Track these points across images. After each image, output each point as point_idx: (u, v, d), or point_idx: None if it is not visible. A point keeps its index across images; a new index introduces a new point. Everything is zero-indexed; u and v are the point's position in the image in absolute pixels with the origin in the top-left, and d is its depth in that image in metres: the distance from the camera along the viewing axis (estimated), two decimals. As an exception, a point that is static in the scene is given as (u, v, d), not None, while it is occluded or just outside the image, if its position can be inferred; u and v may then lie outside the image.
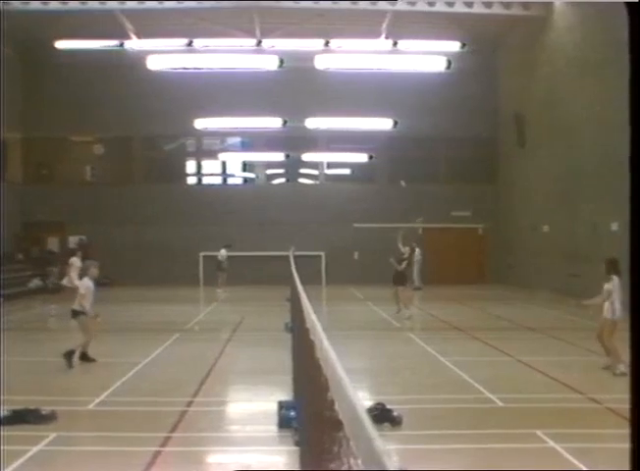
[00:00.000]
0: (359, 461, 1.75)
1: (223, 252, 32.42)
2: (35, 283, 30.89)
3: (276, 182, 38.76)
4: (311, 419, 3.71)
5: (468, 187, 36.06)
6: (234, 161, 38.96)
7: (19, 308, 25.35)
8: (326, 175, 38.05)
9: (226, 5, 29.90)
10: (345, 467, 2.02)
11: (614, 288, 12.95)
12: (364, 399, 10.89)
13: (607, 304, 13.11)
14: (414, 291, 31.29)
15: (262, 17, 31.91)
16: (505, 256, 34.59)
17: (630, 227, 1.92)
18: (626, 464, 2.06)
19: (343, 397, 2.14)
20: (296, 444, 8.05)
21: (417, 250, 32.51)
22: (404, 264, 22.82)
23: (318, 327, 3.55)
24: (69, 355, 13.72)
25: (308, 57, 34.33)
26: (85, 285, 14.35)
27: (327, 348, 2.78)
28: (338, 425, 2.22)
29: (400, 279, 22.45)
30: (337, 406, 2.29)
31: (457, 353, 15.28)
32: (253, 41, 34.08)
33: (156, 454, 8.23)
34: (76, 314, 14.27)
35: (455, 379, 12.68)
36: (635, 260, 1.91)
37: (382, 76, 35.21)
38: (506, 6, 30.55)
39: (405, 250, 23.41)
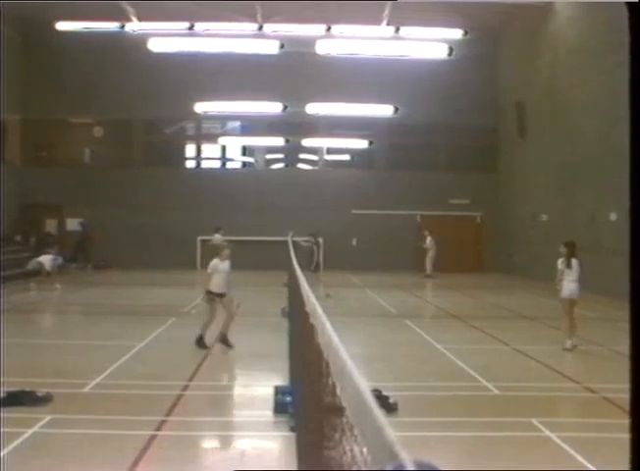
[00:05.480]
0: (364, 449, 1.71)
1: (218, 237, 32.39)
2: (33, 265, 30.80)
3: (275, 166, 38.68)
4: (310, 405, 3.69)
5: (467, 176, 36.03)
6: (233, 145, 38.87)
7: (16, 290, 25.32)
8: (325, 160, 37.99)
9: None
10: (347, 455, 2.00)
11: (574, 269, 14.53)
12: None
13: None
14: (426, 279, 31.47)
15: (264, 1, 31.73)
16: (503, 245, 34.58)
17: (630, 225, 1.90)
18: (622, 454, 2.05)
19: (347, 383, 2.10)
20: (292, 429, 8.06)
21: (429, 238, 32.63)
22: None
23: (319, 311, 3.51)
24: (199, 340, 13.86)
25: (309, 42, 34.26)
26: (215, 265, 14.25)
27: (330, 333, 2.75)
28: (339, 411, 2.19)
29: None
30: (339, 391, 2.26)
31: (454, 341, 15.29)
32: (255, 26, 33.97)
33: (152, 438, 8.23)
34: (212, 296, 14.13)
35: (452, 366, 12.68)
36: (635, 256, 1.89)
37: (383, 62, 35.15)
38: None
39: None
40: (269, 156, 38.30)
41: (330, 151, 37.99)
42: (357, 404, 1.85)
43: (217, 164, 38.92)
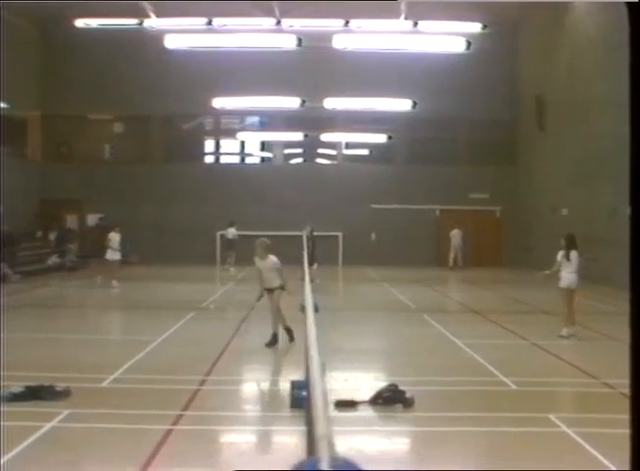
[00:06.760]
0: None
1: (233, 230, 32.46)
2: (53, 260, 31.05)
3: (294, 161, 38.76)
4: (309, 399, 3.70)
5: (487, 169, 35.88)
6: (252, 140, 38.91)
7: (37, 285, 25.52)
8: (344, 155, 37.97)
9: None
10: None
11: (573, 261, 14.70)
12: (378, 380, 10.90)
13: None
14: (449, 271, 31.85)
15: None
16: (522, 239, 34.42)
17: (630, 224, 1.89)
18: None
19: (310, 379, 2.12)
20: (306, 424, 8.07)
21: (454, 231, 33.00)
22: None
23: (309, 306, 3.53)
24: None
25: (327, 37, 34.15)
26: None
27: (309, 327, 2.76)
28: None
29: None
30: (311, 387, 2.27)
31: (472, 336, 15.24)
32: (272, 21, 33.91)
33: (168, 432, 8.26)
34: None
35: (470, 361, 12.64)
36: (635, 255, 1.88)
37: (401, 56, 35.01)
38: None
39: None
40: (287, 151, 38.35)
41: (348, 146, 37.98)
42: (313, 400, 1.86)
43: (236, 159, 39.04)
